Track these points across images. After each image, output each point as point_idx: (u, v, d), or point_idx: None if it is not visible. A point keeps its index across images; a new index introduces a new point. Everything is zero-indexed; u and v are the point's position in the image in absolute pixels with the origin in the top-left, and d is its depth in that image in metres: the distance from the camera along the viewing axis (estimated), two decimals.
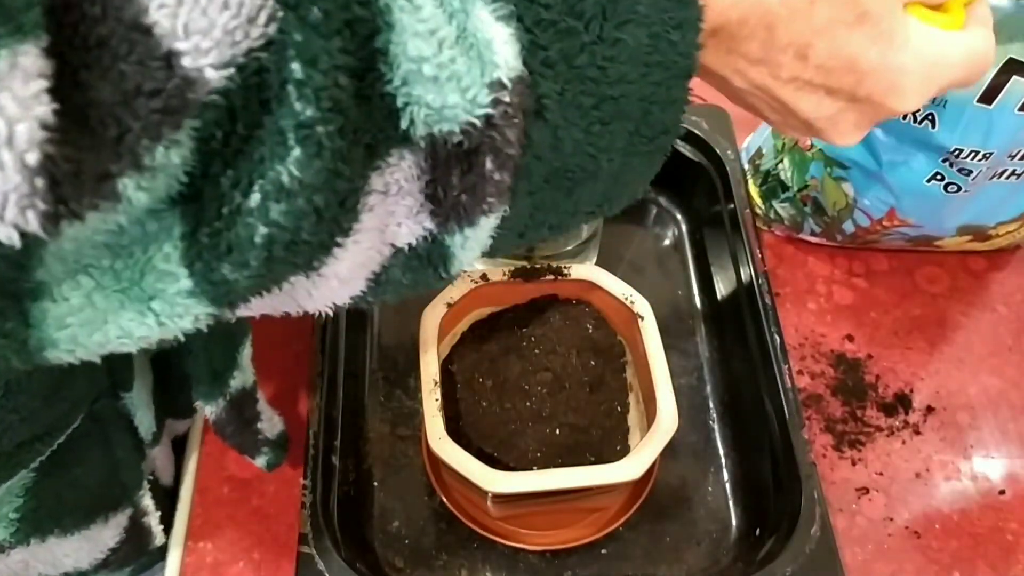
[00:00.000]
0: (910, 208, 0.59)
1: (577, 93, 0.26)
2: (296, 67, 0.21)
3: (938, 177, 0.56)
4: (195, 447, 0.55)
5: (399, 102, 0.23)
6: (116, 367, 0.42)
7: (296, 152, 0.21)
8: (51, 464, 0.40)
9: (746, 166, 0.69)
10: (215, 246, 0.23)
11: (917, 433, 0.59)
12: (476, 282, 0.54)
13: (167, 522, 0.52)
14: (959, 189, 0.57)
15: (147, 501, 0.48)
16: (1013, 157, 0.55)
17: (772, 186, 0.66)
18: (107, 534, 0.46)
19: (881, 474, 0.57)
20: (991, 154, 0.53)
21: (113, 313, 0.24)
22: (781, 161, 0.65)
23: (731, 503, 0.58)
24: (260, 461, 0.50)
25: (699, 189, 0.69)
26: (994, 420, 0.60)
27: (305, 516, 0.50)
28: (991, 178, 0.57)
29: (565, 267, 0.55)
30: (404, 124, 0.24)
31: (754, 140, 0.69)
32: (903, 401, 0.61)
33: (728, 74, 0.32)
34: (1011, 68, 0.49)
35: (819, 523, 0.51)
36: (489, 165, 0.25)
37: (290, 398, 0.58)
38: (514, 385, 0.52)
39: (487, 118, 0.24)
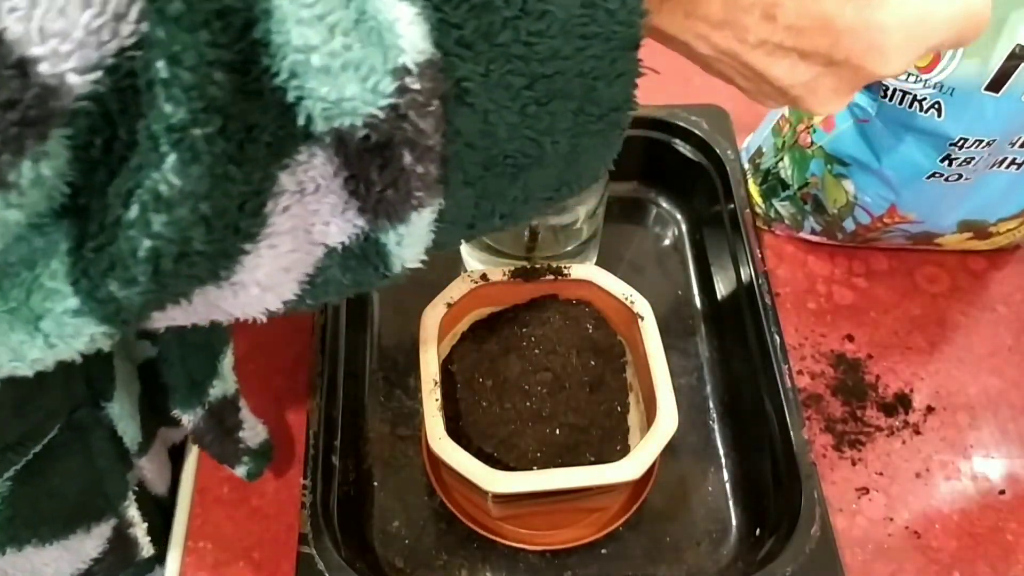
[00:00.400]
0: (911, 203, 0.59)
1: (504, 73, 0.24)
2: (160, 65, 0.19)
3: (940, 171, 0.56)
4: (194, 447, 0.55)
5: (291, 96, 0.21)
6: (95, 377, 0.41)
7: (171, 158, 0.20)
8: (27, 473, 0.39)
9: (746, 165, 0.69)
10: (98, 262, 0.21)
11: (917, 433, 0.59)
12: (476, 282, 0.54)
13: (158, 532, 0.50)
14: (960, 177, 0.56)
15: (132, 512, 0.46)
16: (1014, 144, 0.55)
17: (772, 185, 0.66)
18: (89, 544, 0.44)
19: (881, 474, 0.57)
20: (994, 141, 0.53)
21: (2, 335, 0.22)
22: (781, 159, 0.65)
23: (731, 503, 0.58)
24: (240, 471, 0.49)
25: (699, 189, 0.69)
26: (994, 420, 0.60)
27: (305, 516, 0.50)
28: (991, 167, 0.57)
29: (565, 267, 0.55)
30: (301, 120, 0.22)
31: (754, 139, 0.69)
32: (903, 401, 0.61)
33: (690, 40, 0.30)
34: (1020, 55, 0.49)
35: (819, 523, 0.51)
36: (407, 158, 0.23)
37: (290, 398, 0.58)
38: (514, 385, 0.52)
39: (393, 108, 0.22)
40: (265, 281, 0.24)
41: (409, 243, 0.26)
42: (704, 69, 0.33)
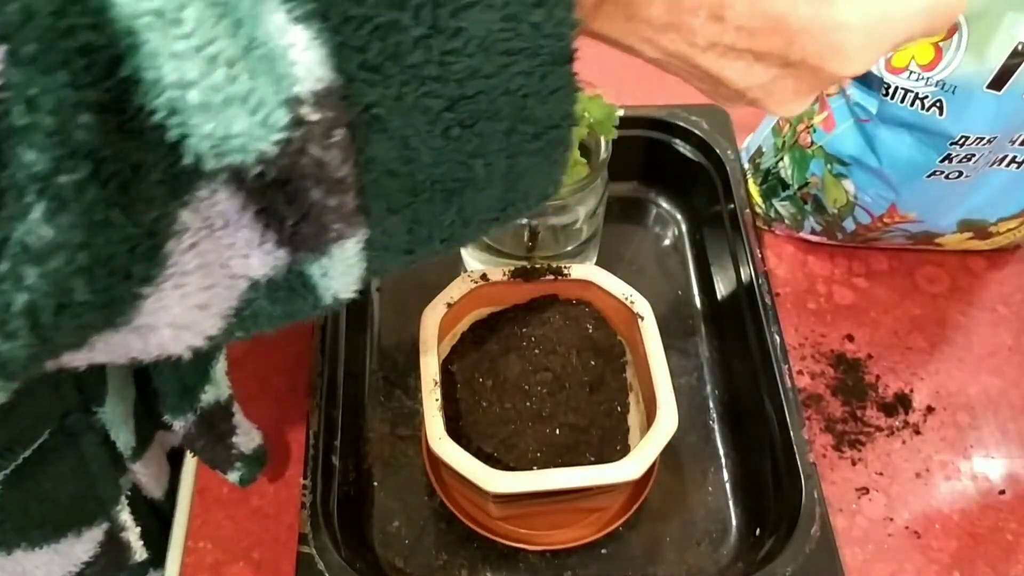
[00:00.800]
0: (911, 202, 0.59)
1: (419, 96, 0.22)
2: (18, 111, 0.18)
3: (940, 170, 0.56)
4: None
5: (172, 135, 0.20)
6: (86, 383, 0.40)
7: (38, 208, 0.18)
8: (17, 477, 0.38)
9: (746, 165, 0.69)
10: None
11: (917, 433, 0.59)
12: (476, 282, 0.54)
13: (154, 536, 0.50)
14: (960, 175, 0.56)
15: (125, 516, 0.45)
16: (1014, 142, 0.55)
17: (772, 185, 0.66)
18: (80, 548, 0.43)
19: (881, 474, 0.57)
20: (995, 138, 0.53)
21: None
22: (781, 159, 0.65)
23: (731, 503, 0.58)
24: (233, 476, 0.49)
25: (699, 189, 0.69)
26: (994, 420, 0.60)
27: (305, 516, 0.50)
28: (992, 164, 0.57)
29: (565, 267, 0.55)
30: (189, 159, 0.20)
31: (754, 139, 0.69)
32: (903, 401, 0.61)
33: (635, 44, 0.28)
34: (1022, 53, 0.49)
35: (819, 523, 0.51)
36: (316, 193, 0.22)
37: (290, 398, 0.58)
38: (514, 385, 0.52)
39: (286, 143, 0.20)
40: (179, 321, 0.23)
41: (336, 275, 0.24)
42: (661, 69, 0.31)
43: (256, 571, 0.51)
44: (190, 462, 0.55)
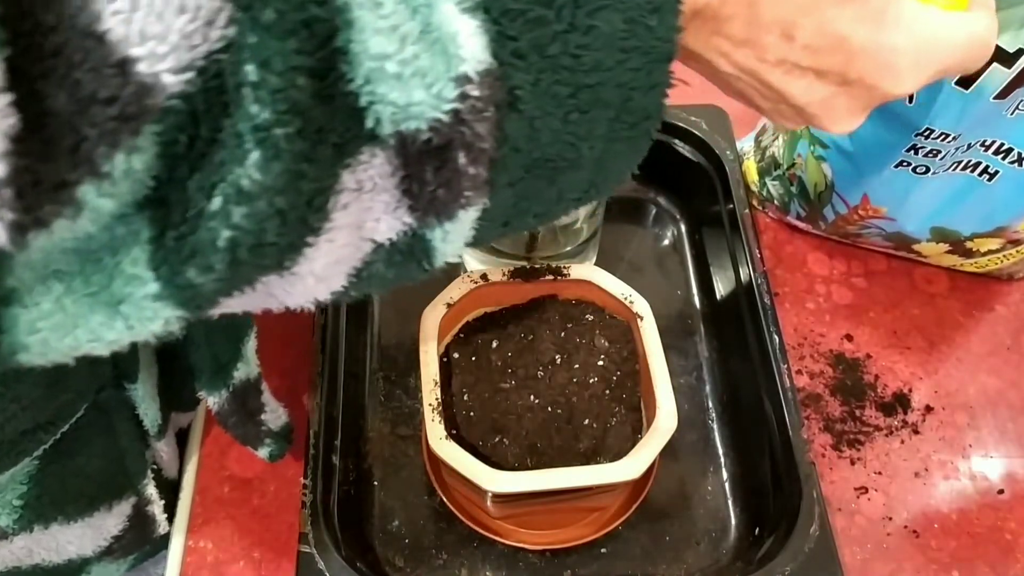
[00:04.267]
0: (881, 194, 0.59)
1: (552, 83, 0.26)
2: (250, 69, 0.20)
3: (907, 160, 0.56)
4: (196, 447, 0.55)
5: (363, 101, 0.23)
6: (121, 359, 0.42)
7: (254, 155, 0.21)
8: (55, 452, 0.40)
9: (751, 145, 0.69)
10: (179, 250, 0.23)
11: (916, 433, 0.59)
12: (476, 282, 0.54)
13: (172, 511, 0.52)
14: (927, 171, 0.56)
15: (151, 490, 0.48)
16: (987, 148, 0.55)
17: (768, 163, 0.66)
18: (111, 522, 0.46)
19: (880, 473, 0.57)
20: (959, 136, 0.53)
21: (83, 317, 0.23)
22: (776, 138, 0.65)
23: (731, 503, 0.58)
24: (263, 452, 0.50)
25: (699, 189, 0.69)
26: (993, 420, 0.60)
27: (305, 515, 0.50)
28: (960, 167, 0.56)
29: (565, 267, 0.55)
30: (370, 123, 0.23)
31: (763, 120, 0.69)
32: (902, 401, 0.61)
33: (713, 57, 0.32)
34: (994, 56, 0.48)
35: (818, 522, 0.51)
36: (462, 160, 0.25)
37: (290, 398, 0.58)
38: (514, 385, 0.52)
39: (455, 113, 0.23)
40: (321, 272, 0.26)
41: (452, 239, 0.27)
42: (725, 90, 0.35)
43: (256, 571, 0.51)
44: (193, 461, 0.55)
